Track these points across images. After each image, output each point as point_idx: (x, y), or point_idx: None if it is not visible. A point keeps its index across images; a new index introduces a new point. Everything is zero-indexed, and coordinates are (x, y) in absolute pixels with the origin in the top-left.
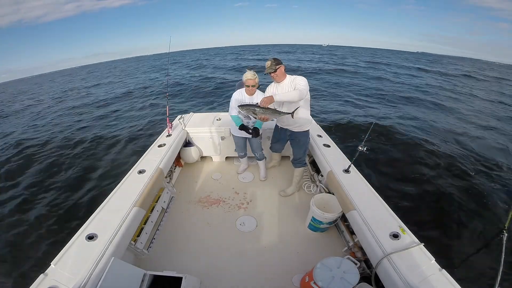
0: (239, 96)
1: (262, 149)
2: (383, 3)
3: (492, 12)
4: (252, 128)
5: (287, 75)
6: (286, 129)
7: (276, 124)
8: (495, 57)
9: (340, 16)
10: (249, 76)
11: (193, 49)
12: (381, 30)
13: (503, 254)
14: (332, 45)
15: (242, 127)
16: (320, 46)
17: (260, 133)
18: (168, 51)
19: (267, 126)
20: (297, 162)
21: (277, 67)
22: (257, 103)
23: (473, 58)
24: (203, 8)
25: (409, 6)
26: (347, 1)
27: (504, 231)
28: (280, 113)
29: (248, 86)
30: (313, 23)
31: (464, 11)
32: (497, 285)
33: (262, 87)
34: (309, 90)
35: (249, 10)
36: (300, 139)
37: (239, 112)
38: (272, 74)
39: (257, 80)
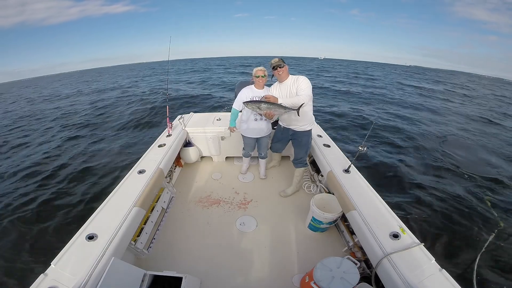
0: (249, 91)
1: (268, 148)
2: (377, 17)
3: (482, 26)
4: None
5: (290, 75)
6: (289, 129)
7: (278, 124)
8: (485, 70)
9: (336, 30)
10: (259, 68)
11: (189, 58)
12: (376, 43)
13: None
14: (328, 58)
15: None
16: (316, 59)
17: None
18: (168, 53)
19: None
20: (298, 162)
21: (284, 64)
22: (263, 97)
23: (465, 72)
24: (203, 15)
25: (402, 19)
26: (343, 15)
27: (493, 233)
28: (285, 108)
29: (258, 77)
30: (310, 36)
31: (455, 25)
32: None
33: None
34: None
35: (248, 21)
36: (302, 139)
37: (244, 108)
38: (279, 69)
39: (266, 72)
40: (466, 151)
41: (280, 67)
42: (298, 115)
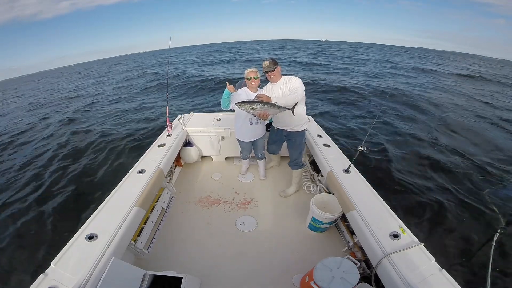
0: (242, 93)
1: (264, 149)
2: None
3: (489, 8)
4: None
5: (282, 76)
6: (283, 130)
7: (272, 125)
8: (492, 52)
9: (337, 12)
10: (250, 69)
11: (188, 46)
12: (379, 25)
13: (492, 251)
14: (329, 41)
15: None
16: (317, 41)
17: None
18: (168, 48)
19: None
20: (293, 164)
21: (275, 66)
22: (256, 96)
23: (469, 53)
24: (199, 2)
25: (406, 1)
26: None
27: (498, 232)
28: (280, 108)
29: (250, 79)
30: (311, 18)
31: (461, 8)
32: (488, 282)
33: (262, 86)
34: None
35: (246, 6)
36: (296, 140)
37: (238, 111)
38: (270, 73)
39: (258, 74)
40: (474, 144)
41: (271, 71)
42: (293, 114)
